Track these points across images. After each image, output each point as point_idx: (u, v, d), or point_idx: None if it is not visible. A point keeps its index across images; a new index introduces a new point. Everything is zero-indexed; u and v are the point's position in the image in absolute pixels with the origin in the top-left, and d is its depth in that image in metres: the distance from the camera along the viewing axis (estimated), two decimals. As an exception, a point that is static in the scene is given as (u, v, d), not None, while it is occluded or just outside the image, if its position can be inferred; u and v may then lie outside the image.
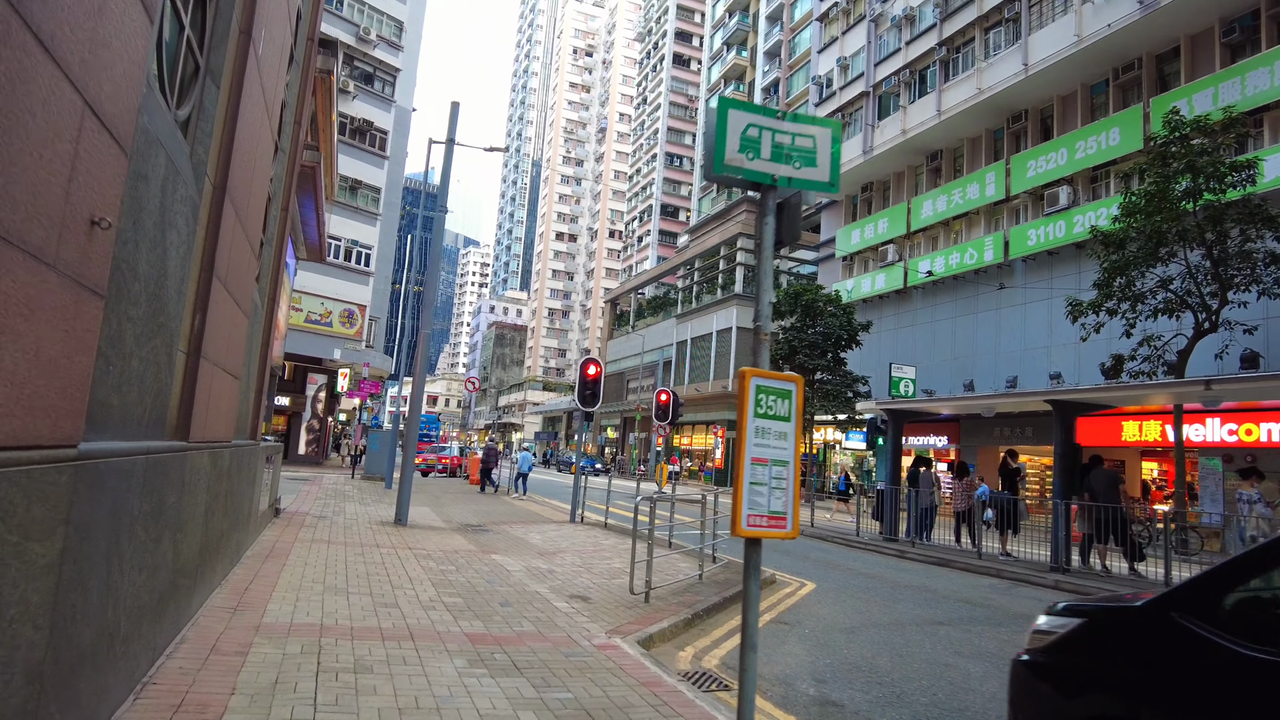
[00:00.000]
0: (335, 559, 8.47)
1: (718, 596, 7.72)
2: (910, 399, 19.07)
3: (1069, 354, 25.30)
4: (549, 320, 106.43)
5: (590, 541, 11.88)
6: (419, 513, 14.90)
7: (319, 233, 11.38)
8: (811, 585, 9.51)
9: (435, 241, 13.20)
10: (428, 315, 12.95)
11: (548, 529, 13.57)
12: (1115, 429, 23.13)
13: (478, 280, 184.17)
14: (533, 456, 23.29)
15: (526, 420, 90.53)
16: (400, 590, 7.05)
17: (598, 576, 8.70)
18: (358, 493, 18.60)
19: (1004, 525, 12.18)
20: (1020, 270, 27.62)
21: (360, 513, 14.01)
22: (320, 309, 32.85)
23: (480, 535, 12.09)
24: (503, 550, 10.42)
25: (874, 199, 35.36)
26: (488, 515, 15.68)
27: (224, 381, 5.40)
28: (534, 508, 18.48)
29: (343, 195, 33.67)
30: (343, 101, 33.65)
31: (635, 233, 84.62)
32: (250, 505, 7.88)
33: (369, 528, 11.74)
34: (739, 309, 43.99)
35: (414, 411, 12.93)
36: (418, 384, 12.93)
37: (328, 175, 11.07)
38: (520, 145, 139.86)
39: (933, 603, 8.88)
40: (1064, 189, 25.40)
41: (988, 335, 28.44)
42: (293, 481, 20.31)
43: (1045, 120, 27.75)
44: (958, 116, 29.21)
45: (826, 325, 28.85)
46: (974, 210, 29.42)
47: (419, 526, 12.55)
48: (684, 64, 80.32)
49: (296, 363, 34.24)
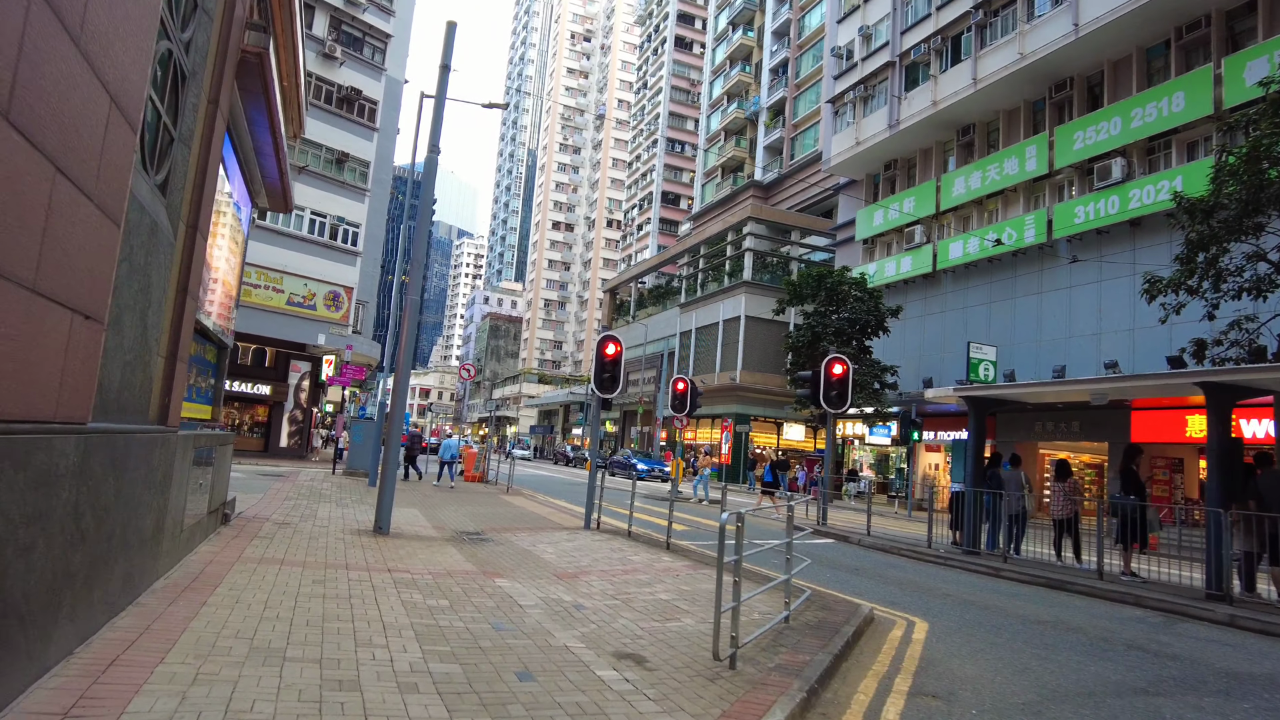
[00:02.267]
0: (283, 591, 6.13)
1: (825, 653, 5.41)
2: (991, 384, 16.61)
3: (1123, 341, 23.07)
4: (545, 311, 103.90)
5: (616, 558, 9.56)
6: (405, 517, 12.55)
7: (280, 171, 9.00)
8: (923, 623, 7.22)
9: (425, 190, 10.85)
10: (416, 277, 10.61)
11: (559, 538, 11.24)
12: (1178, 424, 20.93)
13: (471, 272, 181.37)
14: (457, 444, 21.60)
15: (521, 414, 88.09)
16: (367, 649, 4.73)
17: (644, 617, 6.38)
18: (336, 491, 16.23)
19: (1128, 539, 9.92)
20: (1065, 251, 25.36)
21: (334, 517, 11.65)
22: (303, 290, 30.42)
23: (479, 548, 9.76)
24: (509, 571, 8.10)
25: (898, 177, 33.06)
26: (486, 519, 13.35)
27: (52, 319, 3.07)
28: (536, 508, 16.15)
29: (329, 168, 31.28)
30: (329, 67, 31.26)
31: (635, 221, 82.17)
32: (158, 518, 5.54)
33: (341, 538, 9.40)
34: (748, 297, 41.67)
35: (399, 394, 10.58)
36: (404, 361, 10.58)
37: (287, 82, 8.70)
38: (516, 134, 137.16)
39: (1096, 650, 6.61)
40: (1117, 161, 23.15)
41: (1028, 322, 26.20)
42: (263, 478, 17.93)
43: (1093, 88, 25.48)
44: (995, 85, 26.91)
45: (852, 311, 26.58)
46: (1011, 187, 27.16)
47: (404, 536, 10.21)
48: (686, 47, 77.83)
49: (278, 349, 31.86)
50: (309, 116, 30.51)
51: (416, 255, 10.61)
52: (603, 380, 12.55)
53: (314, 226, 30.71)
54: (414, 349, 10.46)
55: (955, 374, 28.19)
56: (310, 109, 30.47)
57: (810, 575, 9.53)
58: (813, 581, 8.83)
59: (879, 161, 33.60)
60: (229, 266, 8.68)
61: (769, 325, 41.62)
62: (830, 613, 6.84)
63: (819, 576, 9.78)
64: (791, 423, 40.95)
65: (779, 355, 41.62)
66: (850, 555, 12.19)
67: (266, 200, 10.39)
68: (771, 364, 41.49)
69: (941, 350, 29.53)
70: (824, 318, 26.61)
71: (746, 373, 40.82)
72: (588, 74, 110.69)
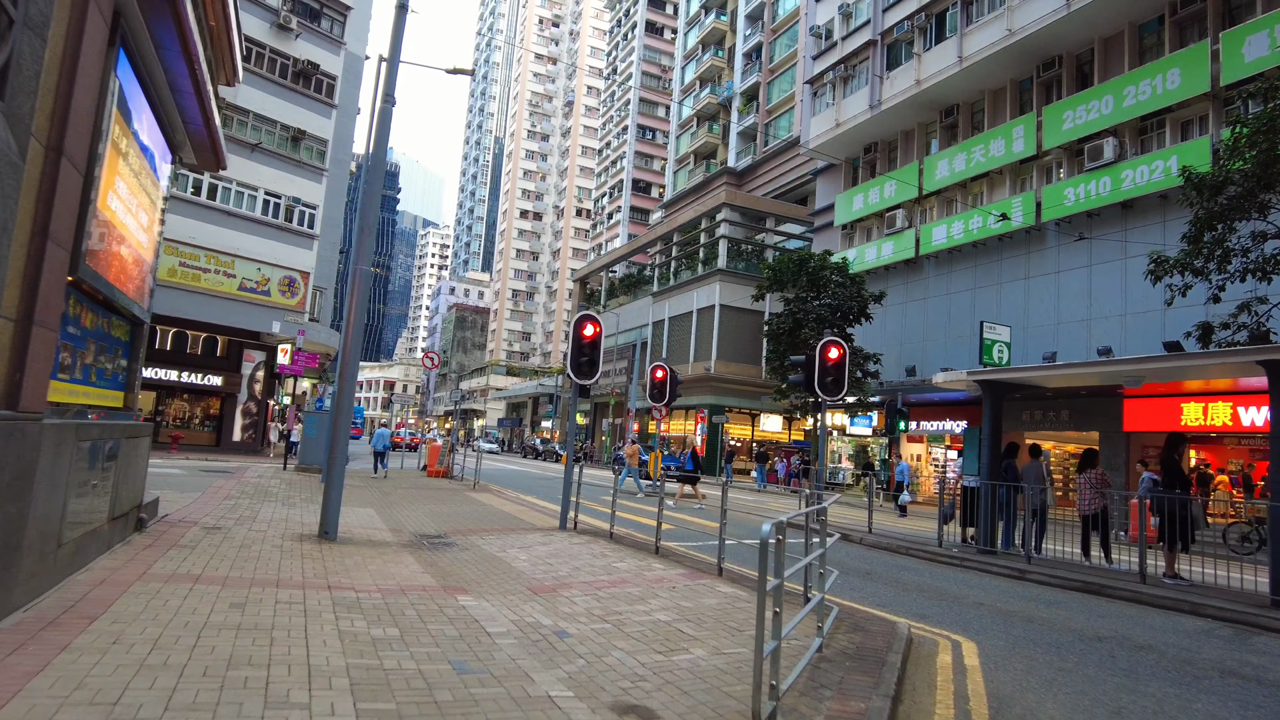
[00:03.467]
0: (185, 624, 4.81)
1: (880, 696, 4.23)
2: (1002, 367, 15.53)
3: (1114, 326, 22.34)
4: (513, 302, 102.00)
5: (599, 565, 8.33)
6: (358, 518, 11.20)
7: (205, 118, 7.60)
8: (969, 643, 6.11)
9: (378, 146, 9.48)
10: (364, 246, 9.24)
11: (533, 541, 9.99)
12: (1173, 412, 20.20)
13: (437, 262, 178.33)
14: (389, 434, 20.55)
15: (489, 406, 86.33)
16: (279, 713, 3.46)
17: (644, 646, 5.17)
18: (284, 489, 14.78)
19: (1171, 538, 8.92)
20: (1054, 234, 24.59)
21: (276, 520, 10.27)
22: (256, 275, 28.70)
23: (441, 555, 8.48)
24: (476, 585, 6.84)
25: (879, 161, 32.12)
26: (450, 519, 12.04)
27: None
28: (506, 506, 14.86)
29: (284, 146, 29.52)
30: (284, 39, 29.49)
31: (605, 209, 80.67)
32: (6, 532, 4.19)
33: (278, 546, 8.06)
34: (722, 285, 40.59)
35: (347, 379, 9.22)
36: (352, 339, 9.21)
37: (214, 20, 7.31)
38: (483, 121, 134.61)
39: (1186, 679, 5.55)
40: (1109, 141, 22.36)
41: (1014, 308, 25.41)
42: (205, 475, 16.39)
43: (1083, 67, 24.69)
44: (982, 64, 26.01)
45: (834, 297, 25.58)
46: (997, 169, 26.32)
47: (354, 541, 8.88)
48: (657, 32, 76.44)
49: (231, 337, 30.11)
50: (260, 90, 28.80)
51: (367, 218, 9.24)
52: (580, 364, 11.29)
53: (268, 207, 28.97)
54: (364, 325, 9.12)
55: (940, 361, 27.37)
56: (263, 82, 28.71)
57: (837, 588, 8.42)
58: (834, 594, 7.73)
59: (859, 144, 32.62)
60: (140, 226, 7.26)
61: (744, 314, 40.59)
62: (866, 635, 5.68)
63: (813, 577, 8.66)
64: (769, 414, 39.98)
65: (754, 345, 40.63)
66: (856, 556, 11.10)
67: (194, 155, 8.95)
68: (747, 354, 40.48)
69: (924, 338, 28.69)
70: (805, 304, 25.57)
71: (721, 363, 39.76)
72: (556, 60, 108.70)
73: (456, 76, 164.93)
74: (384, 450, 20.31)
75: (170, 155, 8.33)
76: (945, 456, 29.01)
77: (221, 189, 27.63)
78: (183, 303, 26.61)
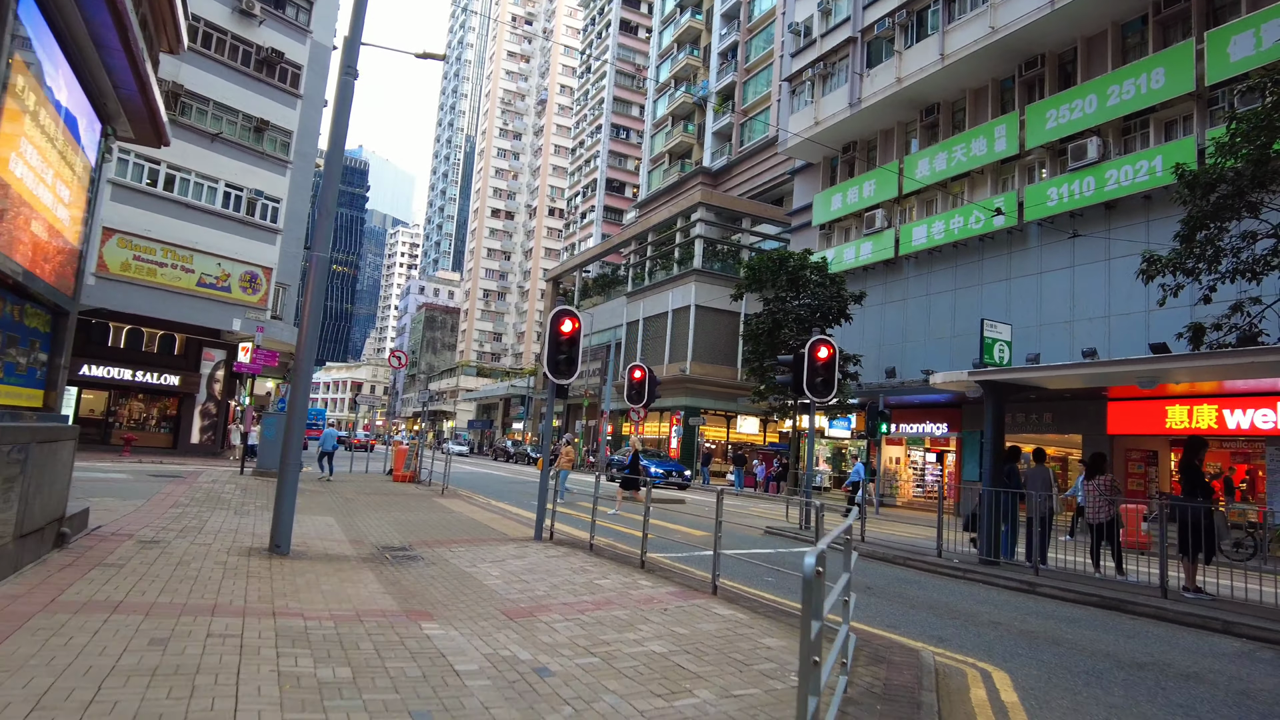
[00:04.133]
0: (87, 668, 3.99)
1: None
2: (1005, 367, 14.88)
3: (1097, 328, 22.05)
4: (484, 302, 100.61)
5: (580, 582, 7.58)
6: (315, 528, 10.33)
7: (139, 81, 6.74)
8: (999, 673, 5.46)
9: (339, 121, 8.66)
10: (323, 231, 8.40)
11: (506, 554, 9.21)
12: (1157, 415, 19.93)
13: (407, 262, 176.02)
14: (336, 434, 19.75)
15: (459, 408, 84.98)
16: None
17: (640, 687, 4.44)
18: (239, 495, 13.82)
19: (1193, 549, 8.38)
20: (1035, 234, 24.30)
21: (225, 530, 9.37)
22: (216, 270, 27.49)
23: (405, 570, 7.67)
24: (442, 608, 6.06)
25: (857, 160, 31.72)
26: (415, 529, 11.20)
27: None
28: (476, 513, 14.03)
29: (246, 136, 28.34)
30: (246, 25, 28.33)
31: (578, 209, 79.79)
32: None
33: (222, 563, 7.20)
34: (698, 285, 40.01)
35: (302, 375, 8.37)
36: (307, 333, 8.37)
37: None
38: (454, 120, 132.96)
39: (1245, 712, 4.94)
40: (1092, 141, 22.09)
41: (996, 309, 25.07)
42: (154, 480, 15.35)
43: (1065, 66, 24.44)
44: (964, 61, 25.67)
45: (814, 296, 25.04)
46: (978, 169, 26.00)
47: (308, 555, 8.03)
48: (631, 31, 75.78)
49: (189, 335, 28.88)
50: (220, 78, 27.62)
51: (326, 201, 8.40)
52: (558, 363, 10.51)
53: (229, 200, 27.78)
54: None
55: (920, 362, 26.98)
56: (224, 69, 27.53)
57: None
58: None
59: (838, 143, 32.20)
60: (59, 200, 6.38)
61: (720, 315, 40.06)
62: (890, 667, 5.00)
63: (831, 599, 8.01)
64: (746, 415, 39.43)
65: (730, 346, 40.11)
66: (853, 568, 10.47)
67: (131, 128, 8.05)
68: (722, 355, 39.95)
69: (903, 339, 28.29)
70: (784, 304, 25.01)
71: (697, 364, 39.17)
72: (529, 57, 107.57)
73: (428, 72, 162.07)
74: (331, 450, 19.46)
75: (100, 125, 7.43)
76: (924, 460, 28.65)
77: (180, 180, 26.40)
78: (137, 298, 25.38)
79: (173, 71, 25.80)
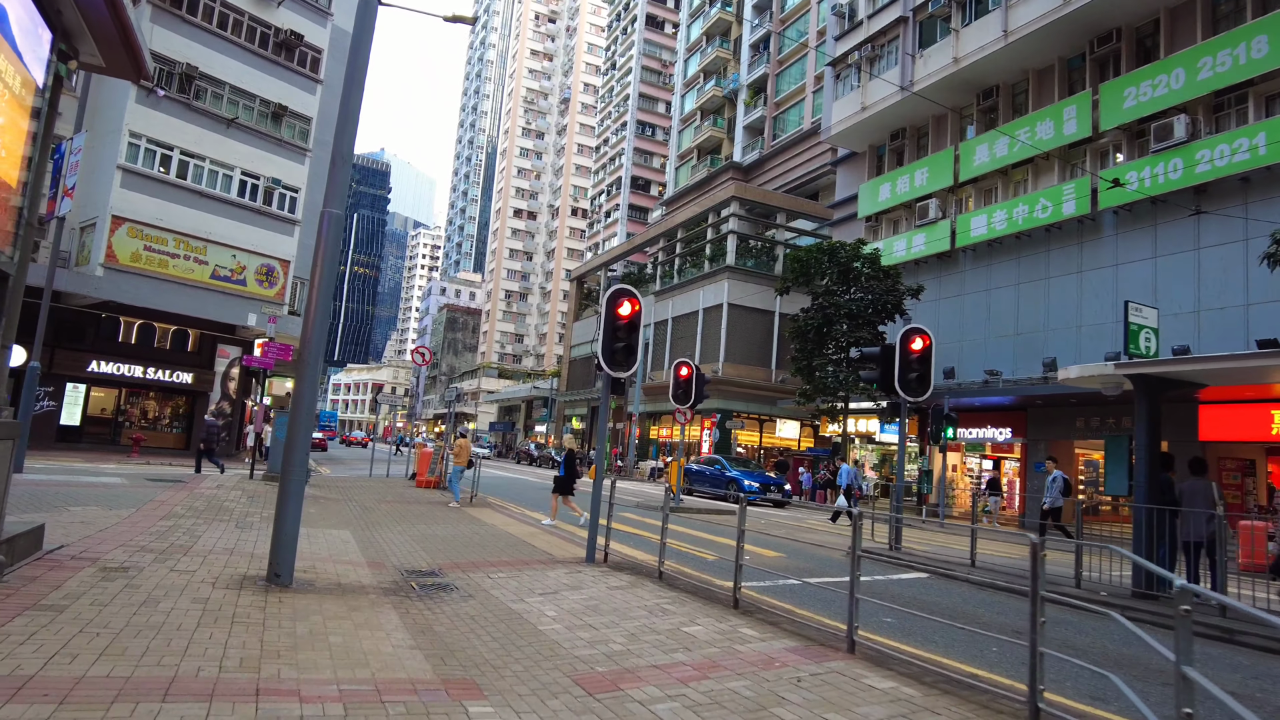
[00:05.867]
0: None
1: None
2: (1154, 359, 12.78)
3: (1186, 324, 20.03)
4: (505, 303, 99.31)
5: (663, 627, 5.88)
6: (329, 544, 8.71)
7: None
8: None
9: (360, 43, 7.04)
10: (336, 180, 6.79)
11: (557, 581, 7.53)
12: (1262, 420, 17.87)
13: (428, 264, 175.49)
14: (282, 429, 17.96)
15: (480, 410, 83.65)
16: None
17: None
18: (245, 504, 12.24)
19: None
20: (1110, 222, 22.34)
21: (219, 550, 7.76)
22: (231, 263, 26.13)
23: (436, 606, 6.01)
24: (494, 675, 4.38)
25: (907, 148, 29.82)
26: (445, 545, 9.56)
27: None
28: (511, 526, 12.37)
29: (263, 122, 27.00)
30: (264, 7, 26.99)
31: (602, 207, 78.20)
32: None
33: (202, 601, 5.56)
34: (731, 283, 38.21)
35: (309, 361, 6.73)
36: (317, 305, 6.72)
37: None
38: (476, 120, 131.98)
39: None
40: (1180, 119, 20.12)
41: (1065, 305, 23.15)
42: (150, 486, 13.81)
43: (1144, 40, 22.46)
44: (1029, 39, 23.76)
45: (868, 290, 23.22)
46: (1043, 155, 24.06)
47: (316, 587, 6.39)
48: (658, 26, 74.20)
49: (203, 330, 27.57)
50: (237, 60, 26.18)
51: (342, 144, 6.78)
52: (614, 352, 8.83)
53: (244, 189, 26.40)
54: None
55: (979, 362, 25.08)
56: (241, 51, 26.17)
57: (966, 647, 6.00)
58: (974, 659, 5.34)
59: (885, 130, 30.33)
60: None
61: (753, 315, 38.29)
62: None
63: (972, 648, 6.24)
64: (785, 419, 37.55)
65: (764, 347, 38.28)
66: (984, 604, 8.67)
67: (99, 51, 6.45)
68: (756, 356, 38.14)
69: (960, 337, 26.32)
70: (836, 297, 23.20)
71: (730, 365, 37.37)
72: (552, 56, 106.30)
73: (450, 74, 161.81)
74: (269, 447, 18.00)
75: (51, 35, 5.83)
76: (981, 466, 26.71)
77: (194, 167, 25.06)
78: (148, 291, 24.04)
79: (185, 52, 24.49)
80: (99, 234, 23.35)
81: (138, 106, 23.69)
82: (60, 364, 24.67)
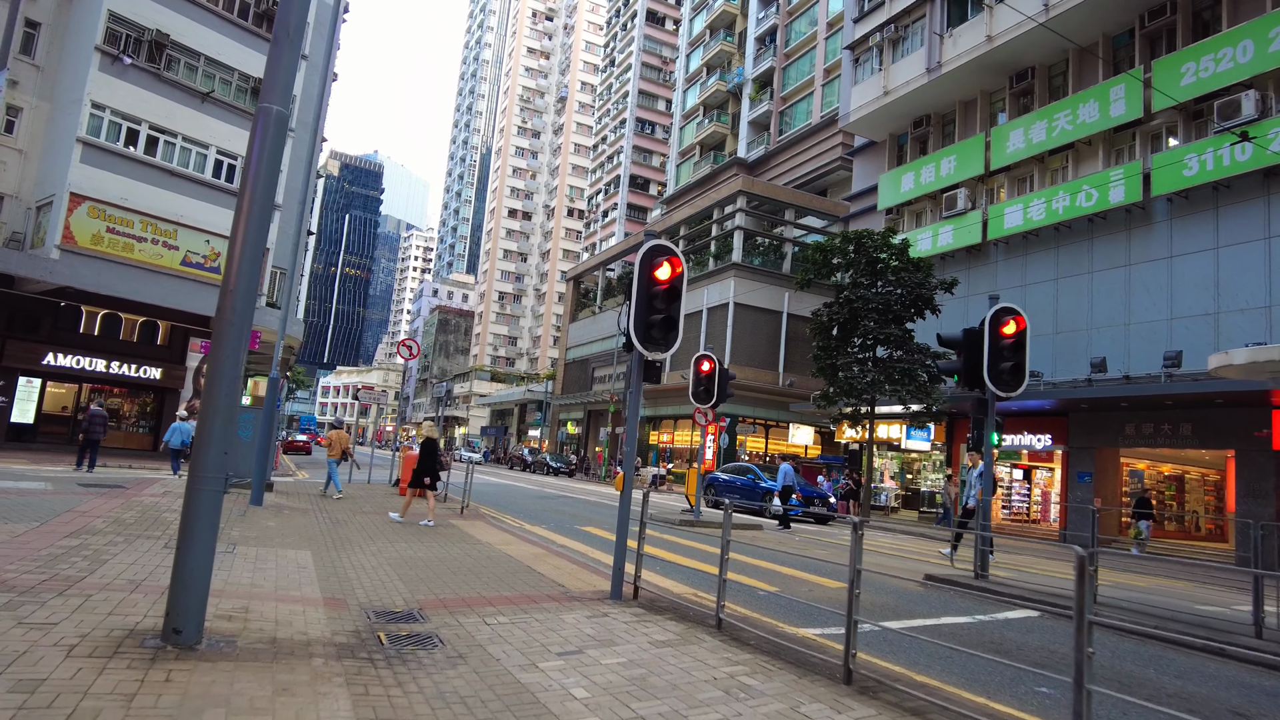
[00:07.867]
0: None
1: None
2: None
3: (1255, 321, 18.14)
4: (499, 305, 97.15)
5: (754, 716, 3.87)
6: (278, 569, 6.66)
7: None
8: None
9: None
10: (280, 63, 4.82)
11: (577, 631, 5.52)
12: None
13: (420, 266, 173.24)
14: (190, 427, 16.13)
15: (472, 414, 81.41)
16: None
17: None
18: (189, 515, 10.15)
19: None
20: (1163, 210, 20.49)
21: (119, 583, 5.70)
22: (205, 248, 24.07)
23: (407, 681, 3.98)
24: None
25: (931, 136, 27.98)
26: (428, 573, 7.52)
27: None
28: (511, 546, 10.32)
29: (240, 98, 24.99)
30: (243, -25, 24.92)
31: (599, 207, 76.24)
32: None
33: (31, 678, 3.53)
34: (737, 281, 36.26)
35: (236, 306, 4.71)
36: (250, 216, 4.73)
37: None
38: (470, 120, 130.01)
39: None
40: (1248, 95, 18.29)
41: (1111, 301, 21.28)
42: (78, 493, 11.69)
43: (1200, 13, 20.68)
44: (1072, 13, 21.98)
45: (897, 283, 21.30)
46: (1085, 139, 22.24)
47: (235, 648, 4.35)
48: (658, 21, 72.46)
49: (173, 321, 25.45)
50: (213, 30, 24.03)
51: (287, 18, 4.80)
52: (650, 326, 6.80)
53: (220, 169, 24.32)
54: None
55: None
56: (217, 20, 24.13)
57: None
58: None
59: (908, 118, 28.49)
60: None
61: (760, 315, 36.35)
62: None
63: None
64: (798, 424, 35.55)
65: (771, 348, 36.33)
66: (1132, 656, 6.69)
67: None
68: (763, 358, 36.19)
69: (992, 337, 24.40)
70: (863, 289, 21.26)
71: (735, 367, 35.27)
72: (549, 54, 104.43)
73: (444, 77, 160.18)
74: (181, 447, 16.17)
75: None
76: (1011, 476, 24.81)
77: (164, 143, 22.98)
78: (110, 277, 21.91)
79: (154, 17, 22.46)
80: (55, 213, 21.22)
81: (101, 75, 21.61)
82: (12, 355, 22.53)
